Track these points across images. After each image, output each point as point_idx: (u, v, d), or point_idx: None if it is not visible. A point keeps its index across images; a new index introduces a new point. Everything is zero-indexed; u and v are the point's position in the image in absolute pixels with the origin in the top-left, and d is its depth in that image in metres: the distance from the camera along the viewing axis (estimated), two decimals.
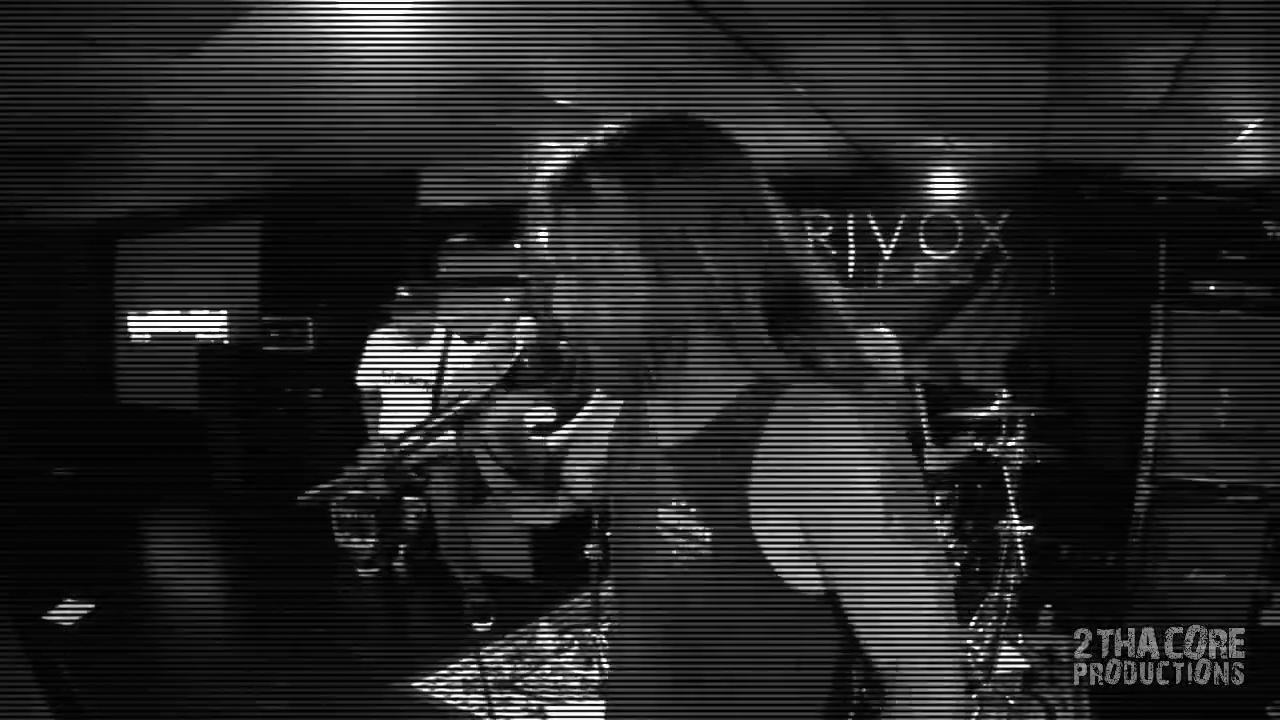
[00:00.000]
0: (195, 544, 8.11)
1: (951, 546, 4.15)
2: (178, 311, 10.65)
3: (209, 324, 10.38)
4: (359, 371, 5.87)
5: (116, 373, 11.39)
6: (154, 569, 7.31)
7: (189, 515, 8.95)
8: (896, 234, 7.59)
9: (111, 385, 11.34)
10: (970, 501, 4.36)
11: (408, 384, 5.75)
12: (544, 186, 1.29)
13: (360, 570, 6.61)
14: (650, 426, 1.45)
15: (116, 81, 5.04)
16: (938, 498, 4.18)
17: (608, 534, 1.64)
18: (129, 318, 11.24)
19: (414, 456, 1.38)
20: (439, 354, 5.68)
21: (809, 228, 7.72)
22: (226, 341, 10.07)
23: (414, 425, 1.38)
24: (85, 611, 5.51)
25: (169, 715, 4.34)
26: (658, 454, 1.42)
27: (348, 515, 6.60)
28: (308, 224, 8.64)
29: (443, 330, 5.79)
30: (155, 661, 4.98)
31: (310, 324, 8.67)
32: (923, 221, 7.49)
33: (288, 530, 6.87)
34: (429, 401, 5.67)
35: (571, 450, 1.64)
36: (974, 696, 4.14)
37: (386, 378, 5.80)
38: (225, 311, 10.20)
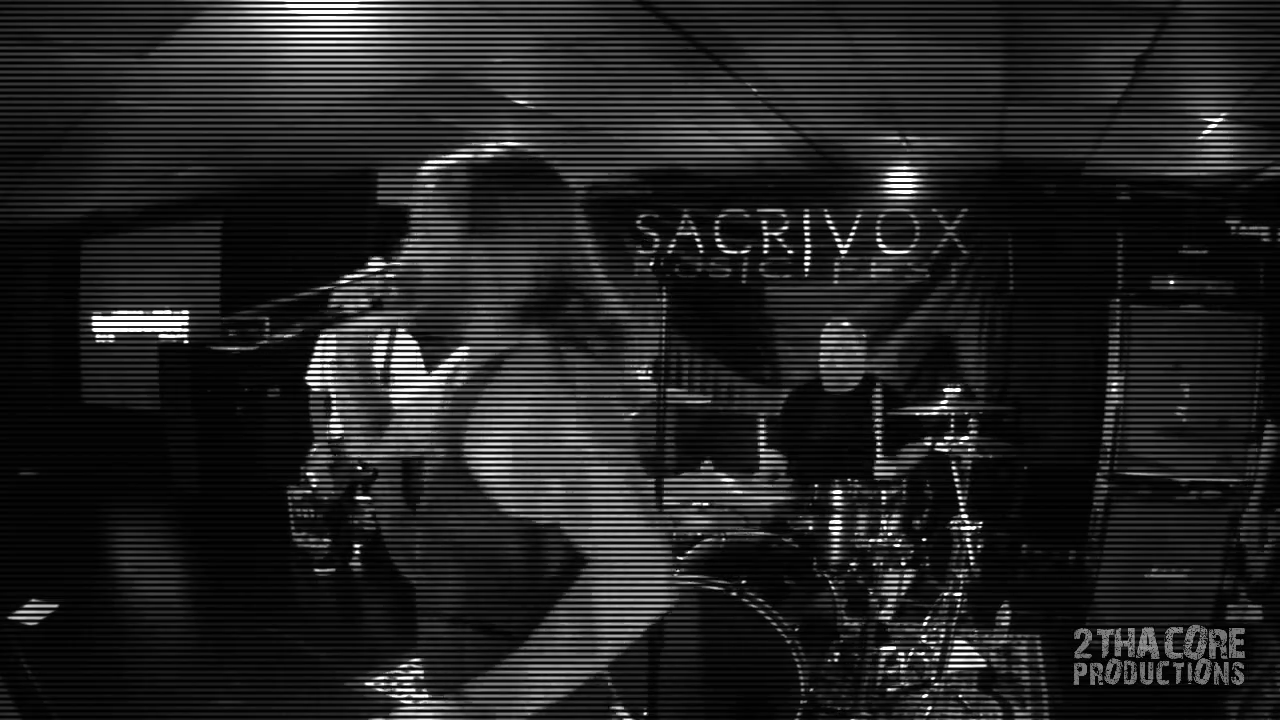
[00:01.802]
0: (157, 543, 8.04)
1: (898, 545, 4.09)
2: (141, 311, 10.56)
3: (171, 324, 10.30)
4: (309, 372, 5.82)
5: (81, 373, 11.26)
6: (117, 568, 7.25)
7: (152, 515, 8.86)
8: (853, 231, 7.56)
9: (77, 386, 11.23)
10: (919, 500, 4.31)
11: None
12: (426, 186, 1.65)
13: (316, 569, 6.55)
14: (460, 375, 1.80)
15: (75, 82, 5.00)
16: (883, 496, 4.12)
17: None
18: (93, 318, 11.13)
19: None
20: (383, 354, 5.61)
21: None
22: (186, 341, 9.99)
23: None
24: (49, 612, 5.46)
25: (127, 712, 4.29)
26: (449, 395, 1.75)
27: (305, 515, 6.54)
28: (266, 223, 8.57)
29: (387, 330, 5.73)
30: (115, 659, 4.93)
31: (266, 323, 8.56)
32: (879, 218, 7.48)
33: (246, 529, 6.81)
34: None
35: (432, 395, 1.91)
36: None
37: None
38: (187, 311, 10.13)
